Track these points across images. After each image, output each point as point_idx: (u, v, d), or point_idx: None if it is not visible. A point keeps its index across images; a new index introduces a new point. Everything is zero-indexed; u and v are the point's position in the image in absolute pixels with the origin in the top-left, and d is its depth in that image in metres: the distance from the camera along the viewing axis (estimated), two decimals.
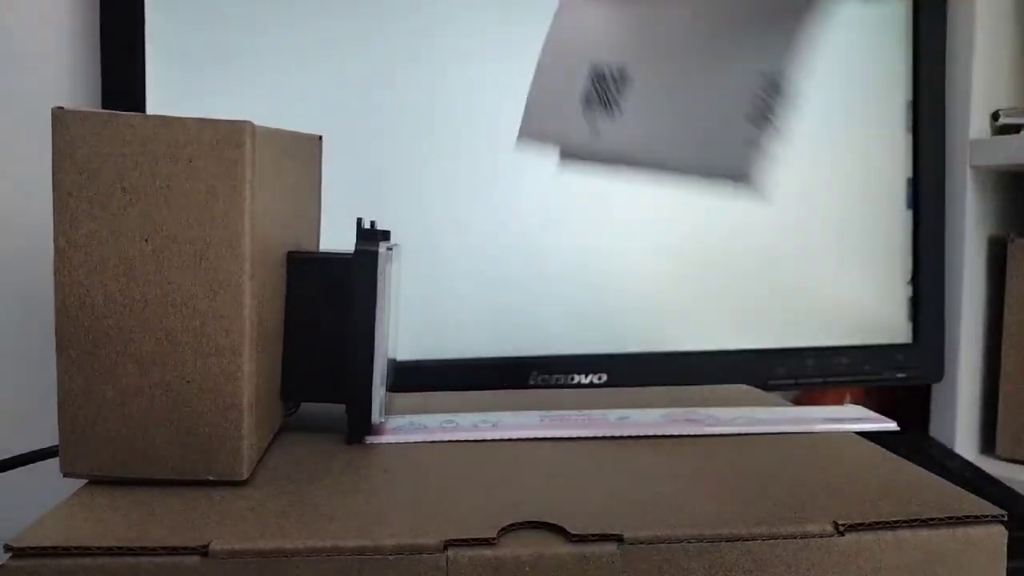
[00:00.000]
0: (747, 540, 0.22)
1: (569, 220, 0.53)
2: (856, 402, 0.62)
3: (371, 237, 0.29)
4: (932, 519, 0.22)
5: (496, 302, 0.54)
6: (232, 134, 0.24)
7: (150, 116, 0.24)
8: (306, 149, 0.33)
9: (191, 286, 0.24)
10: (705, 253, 0.55)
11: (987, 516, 0.22)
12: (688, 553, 0.22)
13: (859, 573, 0.22)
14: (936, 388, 0.62)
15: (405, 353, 0.49)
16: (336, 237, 0.36)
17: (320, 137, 0.35)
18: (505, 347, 0.53)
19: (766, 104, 0.22)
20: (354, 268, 0.29)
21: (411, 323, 0.49)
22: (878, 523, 0.22)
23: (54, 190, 0.24)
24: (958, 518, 0.22)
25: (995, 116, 0.59)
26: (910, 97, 0.59)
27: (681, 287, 0.55)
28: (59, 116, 0.23)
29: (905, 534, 0.22)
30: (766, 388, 0.44)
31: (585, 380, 0.54)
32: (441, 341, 0.51)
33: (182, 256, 0.24)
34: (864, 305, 0.58)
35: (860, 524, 0.22)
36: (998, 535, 0.22)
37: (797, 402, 0.39)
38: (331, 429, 0.31)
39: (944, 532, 0.22)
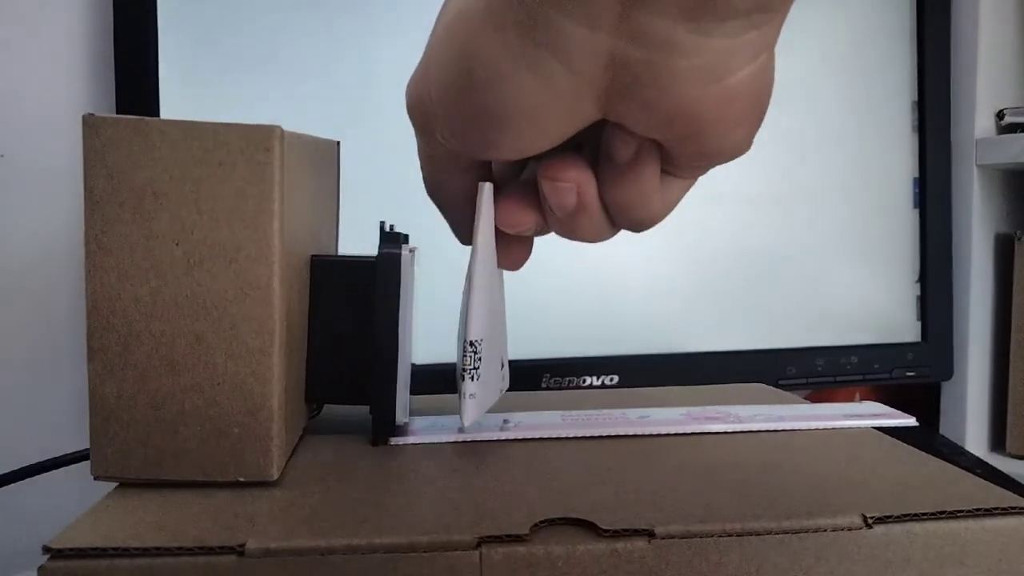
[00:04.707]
0: (777, 534, 0.22)
1: None
2: (866, 401, 0.63)
3: (393, 239, 0.30)
4: (960, 511, 0.22)
5: (507, 305, 0.54)
6: (262, 138, 0.24)
7: (180, 121, 0.24)
8: (326, 154, 0.33)
9: (221, 289, 0.24)
10: (714, 254, 0.56)
11: (1015, 508, 0.23)
12: (719, 547, 0.22)
13: (889, 565, 0.22)
14: (945, 386, 0.62)
15: (418, 357, 0.49)
16: (344, 240, 0.36)
17: (338, 142, 0.35)
18: (516, 350, 0.53)
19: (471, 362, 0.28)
20: (377, 270, 0.29)
21: (421, 327, 0.50)
22: (907, 515, 0.22)
23: (85, 195, 0.24)
24: (986, 510, 0.23)
25: (1000, 115, 0.60)
26: (915, 97, 0.59)
27: (690, 288, 0.55)
28: (90, 122, 0.24)
29: (934, 526, 0.22)
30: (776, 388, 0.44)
31: (596, 382, 0.54)
32: (453, 344, 0.51)
33: (212, 259, 0.24)
34: (873, 304, 0.59)
35: (889, 517, 0.22)
36: None
37: (808, 402, 0.39)
38: (355, 431, 0.31)
39: (972, 524, 0.22)
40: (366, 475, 0.26)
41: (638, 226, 0.26)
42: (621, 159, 0.24)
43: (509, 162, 0.28)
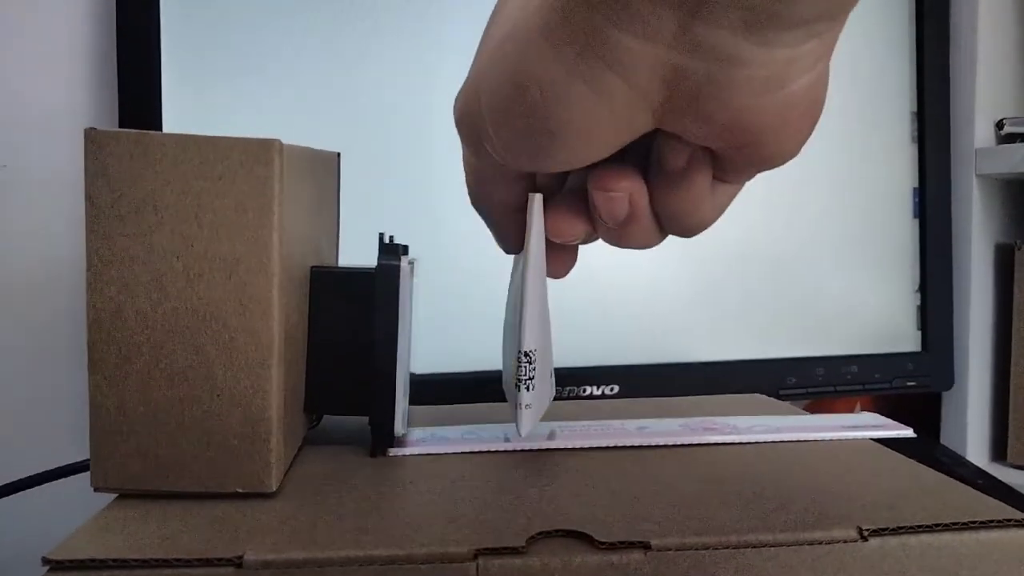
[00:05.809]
0: (773, 546, 0.22)
1: None
2: (866, 411, 0.63)
3: (392, 251, 0.30)
4: (956, 523, 0.23)
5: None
6: (261, 152, 0.24)
7: (181, 135, 0.24)
8: (325, 165, 0.33)
9: (221, 301, 0.24)
10: (714, 264, 0.56)
11: (1010, 520, 0.23)
12: (715, 559, 0.22)
13: None
14: (946, 396, 0.62)
15: (417, 367, 0.50)
16: (348, 249, 0.36)
17: (338, 154, 0.35)
18: None
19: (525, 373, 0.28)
20: (376, 282, 0.29)
21: (422, 337, 0.50)
22: (902, 528, 0.22)
23: (86, 209, 0.24)
24: (982, 522, 0.23)
25: (999, 125, 0.60)
26: (915, 107, 0.59)
27: (690, 298, 0.55)
28: (92, 136, 0.24)
29: (929, 539, 0.22)
30: (777, 398, 0.44)
31: (597, 392, 0.54)
32: (452, 355, 0.52)
33: (212, 272, 0.24)
34: (873, 314, 0.59)
35: (884, 529, 0.22)
36: (1022, 539, 0.23)
37: (808, 411, 0.39)
38: (353, 441, 0.31)
39: (968, 536, 0.22)
40: (364, 487, 0.26)
41: (688, 232, 0.26)
42: (674, 168, 0.24)
43: (555, 173, 0.28)
